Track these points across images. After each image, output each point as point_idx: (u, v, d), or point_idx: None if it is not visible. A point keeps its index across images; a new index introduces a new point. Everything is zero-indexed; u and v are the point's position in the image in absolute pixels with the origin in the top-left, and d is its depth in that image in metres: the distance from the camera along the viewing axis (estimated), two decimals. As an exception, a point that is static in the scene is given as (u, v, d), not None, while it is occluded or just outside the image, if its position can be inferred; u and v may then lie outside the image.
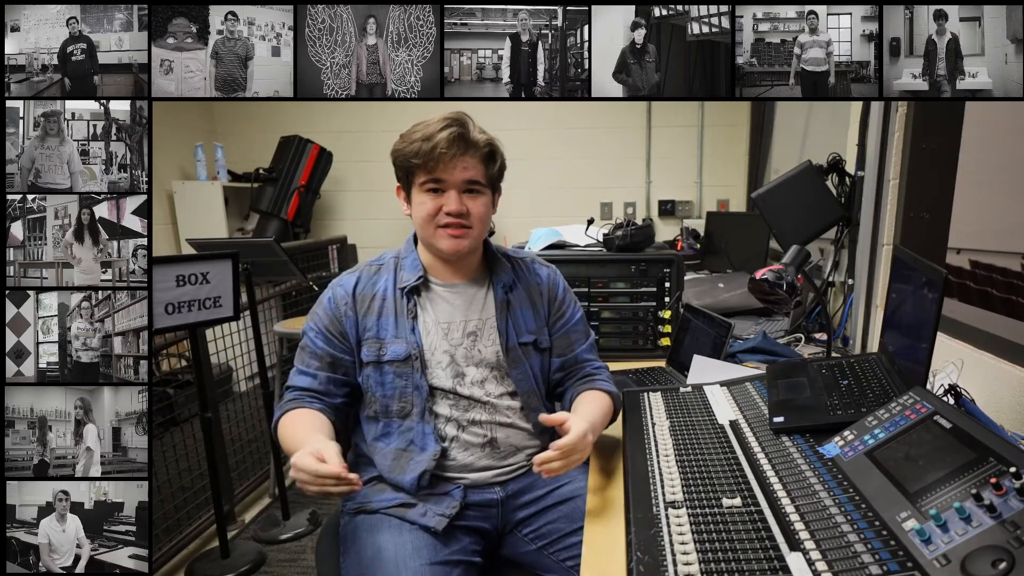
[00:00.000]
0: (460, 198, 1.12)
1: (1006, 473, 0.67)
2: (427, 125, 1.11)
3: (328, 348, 1.18)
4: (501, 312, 1.21)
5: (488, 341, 1.20)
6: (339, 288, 1.20)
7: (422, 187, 1.13)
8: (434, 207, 1.12)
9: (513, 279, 1.24)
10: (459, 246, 1.14)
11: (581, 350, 1.28)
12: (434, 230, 1.14)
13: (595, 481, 1.09)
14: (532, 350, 1.23)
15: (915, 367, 1.02)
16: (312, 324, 1.20)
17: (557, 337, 1.27)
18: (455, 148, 1.09)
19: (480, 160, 1.13)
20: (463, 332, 1.19)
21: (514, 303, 1.23)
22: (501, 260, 1.25)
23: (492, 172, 1.16)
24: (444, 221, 1.13)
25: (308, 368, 1.19)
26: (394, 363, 1.16)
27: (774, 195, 1.67)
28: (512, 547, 1.20)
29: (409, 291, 1.18)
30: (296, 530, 2.37)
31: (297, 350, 1.22)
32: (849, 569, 0.67)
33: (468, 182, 1.13)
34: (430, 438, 1.15)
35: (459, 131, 1.10)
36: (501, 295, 1.22)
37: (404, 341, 1.16)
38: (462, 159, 1.11)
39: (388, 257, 1.24)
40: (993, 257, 4.59)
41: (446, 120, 1.10)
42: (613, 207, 4.25)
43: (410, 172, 1.14)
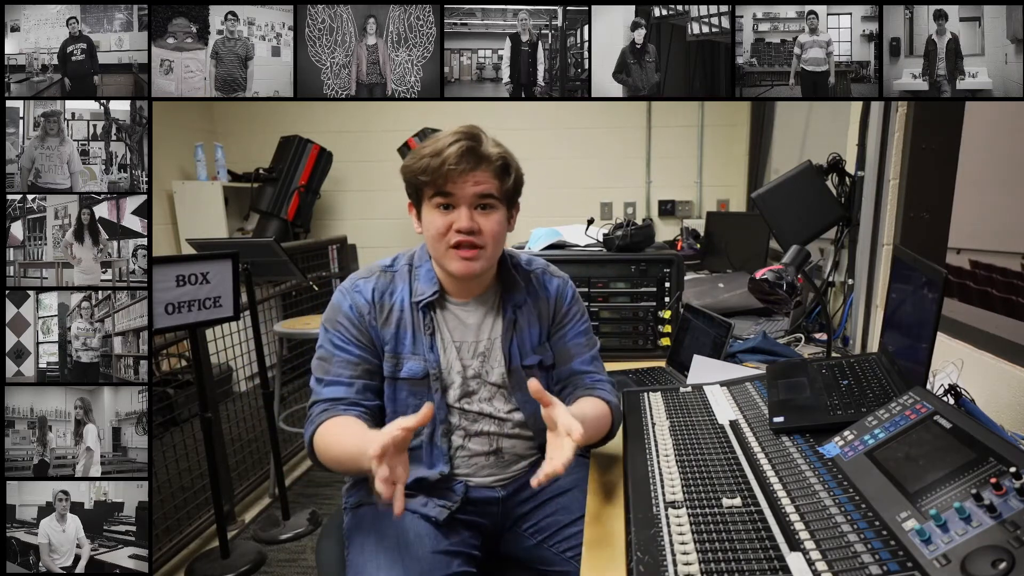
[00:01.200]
0: (471, 214, 1.07)
1: (1006, 473, 0.67)
2: (437, 140, 1.06)
3: (363, 354, 1.13)
4: (507, 333, 1.17)
5: (495, 363, 1.17)
6: (357, 295, 1.14)
7: (432, 204, 1.08)
8: (444, 225, 1.07)
9: (524, 296, 1.20)
10: (470, 269, 1.09)
11: (579, 362, 1.23)
12: (445, 250, 1.08)
13: (595, 481, 1.09)
14: (537, 371, 1.20)
15: (915, 367, 1.02)
16: (338, 333, 1.13)
17: (555, 347, 1.23)
18: (465, 162, 1.04)
19: (493, 174, 1.08)
20: (474, 352, 1.17)
21: (521, 322, 1.19)
22: (515, 277, 1.21)
23: (507, 186, 1.10)
24: (455, 240, 1.07)
25: (340, 377, 1.12)
26: (409, 380, 1.13)
27: (774, 195, 1.67)
28: (512, 544, 1.20)
29: (425, 306, 1.14)
30: (296, 530, 2.37)
31: (317, 362, 1.15)
32: (849, 569, 0.67)
33: (480, 196, 1.07)
34: (440, 460, 1.14)
35: (469, 144, 1.04)
36: (510, 314, 1.18)
37: (422, 359, 1.13)
38: (473, 174, 1.06)
39: (401, 263, 1.19)
40: (993, 257, 4.59)
41: (457, 134, 1.05)
42: (613, 207, 4.25)
43: (419, 189, 1.09)
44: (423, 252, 1.19)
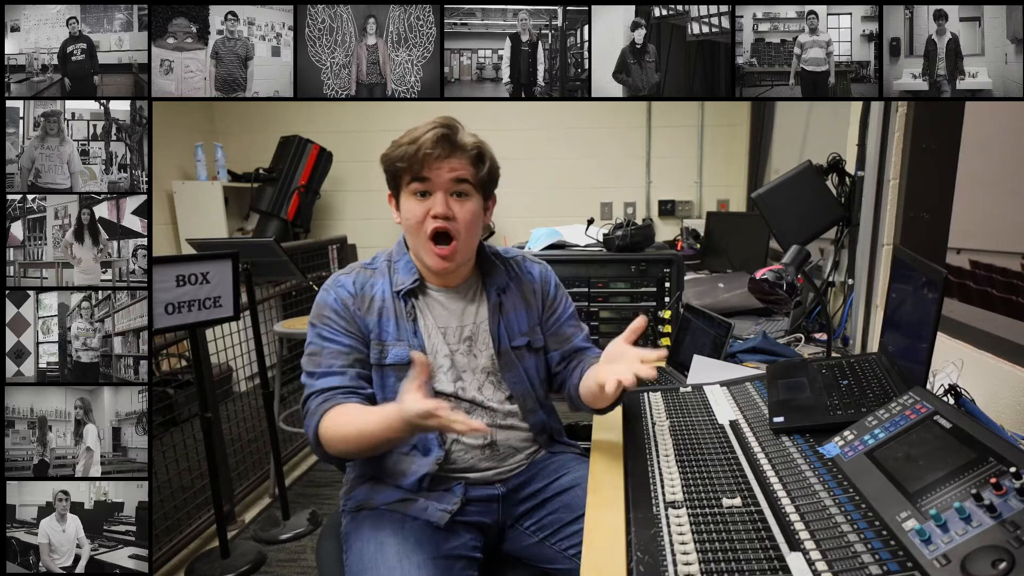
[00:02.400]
0: (447, 200, 1.11)
1: (1006, 473, 0.67)
2: (414, 130, 1.10)
3: (353, 343, 1.15)
4: (494, 315, 1.20)
5: (482, 346, 1.20)
6: (340, 288, 1.18)
7: (409, 190, 1.12)
8: (422, 212, 1.11)
9: (507, 280, 1.24)
10: (445, 266, 1.14)
11: (579, 340, 1.30)
12: (424, 241, 1.12)
13: (595, 481, 1.08)
14: (525, 352, 1.23)
15: (915, 367, 1.02)
16: (325, 327, 1.16)
17: (552, 332, 1.28)
18: (440, 148, 1.08)
19: (468, 161, 1.12)
20: (459, 337, 1.19)
21: (507, 305, 1.22)
22: (494, 262, 1.25)
23: (481, 174, 1.14)
24: (431, 228, 1.10)
25: (332, 368, 1.14)
26: (396, 367, 1.15)
27: (774, 195, 1.67)
28: (514, 542, 1.21)
29: (405, 294, 1.17)
30: (296, 530, 2.37)
31: (307, 358, 1.16)
32: (849, 569, 0.67)
33: (455, 181, 1.11)
34: (433, 442, 1.15)
35: (444, 132, 1.08)
36: (494, 298, 1.22)
37: (406, 344, 1.15)
38: (448, 160, 1.09)
39: (380, 260, 1.23)
40: (993, 257, 4.59)
41: (433, 123, 1.09)
42: (613, 207, 4.25)
43: (397, 176, 1.13)
44: (400, 247, 1.23)
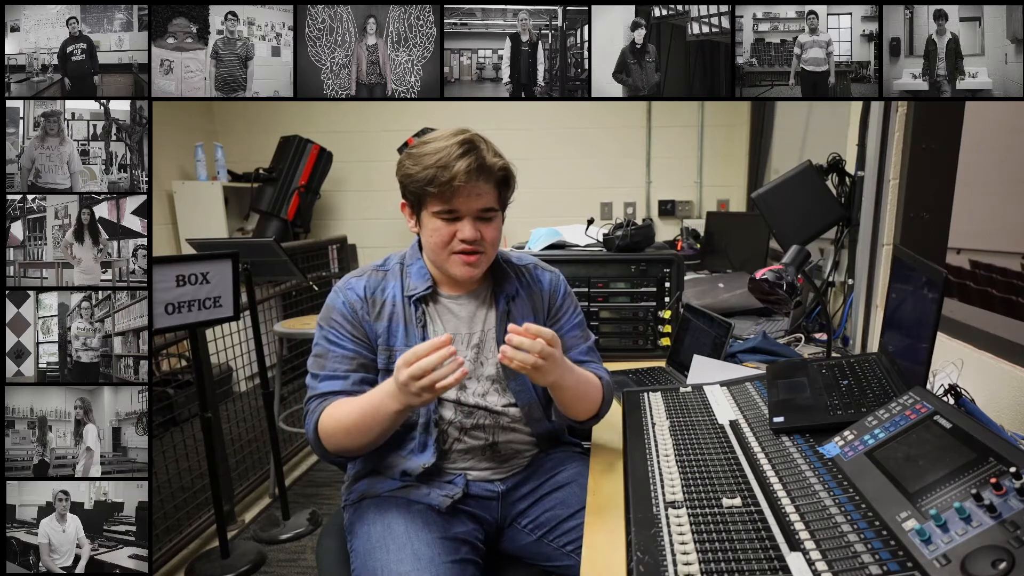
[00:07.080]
0: (474, 225, 1.11)
1: (1006, 473, 0.67)
2: (439, 148, 1.07)
3: (358, 349, 1.15)
4: (501, 324, 1.19)
5: (489, 353, 1.20)
6: (350, 292, 1.17)
7: (433, 210, 1.11)
8: (448, 234, 1.11)
9: (517, 288, 1.24)
10: (472, 273, 1.14)
11: (576, 352, 1.26)
12: (448, 256, 1.13)
13: (595, 481, 1.09)
14: None
15: (915, 367, 1.02)
16: (332, 330, 1.16)
17: None
18: (474, 179, 1.08)
19: (494, 186, 1.12)
20: (468, 344, 1.19)
21: (515, 313, 1.22)
22: (506, 270, 1.24)
23: (505, 196, 1.16)
24: (459, 248, 1.11)
25: (336, 372, 1.14)
26: None
27: (774, 195, 1.67)
28: (512, 540, 1.21)
29: (417, 300, 1.17)
30: (296, 530, 2.37)
31: (313, 359, 1.17)
32: (849, 569, 0.67)
33: (483, 210, 1.11)
34: (430, 448, 1.15)
35: (477, 161, 1.07)
36: (503, 306, 1.21)
37: None
38: (476, 185, 1.09)
39: (393, 263, 1.22)
40: (993, 257, 4.59)
41: (462, 146, 1.07)
42: (613, 207, 4.25)
43: (422, 197, 1.11)
44: (414, 251, 1.22)
